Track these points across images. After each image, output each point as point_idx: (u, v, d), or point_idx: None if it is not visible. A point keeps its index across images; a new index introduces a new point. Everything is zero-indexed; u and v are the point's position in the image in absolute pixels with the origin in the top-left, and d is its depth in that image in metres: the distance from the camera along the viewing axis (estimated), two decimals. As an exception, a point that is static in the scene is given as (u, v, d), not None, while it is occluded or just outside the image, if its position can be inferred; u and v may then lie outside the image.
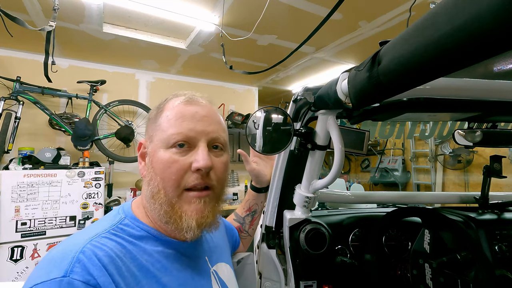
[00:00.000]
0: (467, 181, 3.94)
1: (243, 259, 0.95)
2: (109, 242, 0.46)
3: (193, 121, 0.53)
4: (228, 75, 3.90)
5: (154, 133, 0.54)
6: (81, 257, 0.41)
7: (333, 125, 0.68)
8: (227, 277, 0.66)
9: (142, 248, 0.49)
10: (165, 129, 0.52)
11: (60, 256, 0.42)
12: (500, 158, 0.93)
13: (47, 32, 1.43)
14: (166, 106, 0.56)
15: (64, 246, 0.44)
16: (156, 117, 0.55)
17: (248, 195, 0.89)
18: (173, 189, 0.51)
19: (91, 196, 2.55)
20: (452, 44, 0.24)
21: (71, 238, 0.47)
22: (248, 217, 0.86)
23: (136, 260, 0.47)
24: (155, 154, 0.52)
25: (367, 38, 2.70)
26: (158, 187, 0.51)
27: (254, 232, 0.92)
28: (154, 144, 0.53)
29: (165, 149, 0.51)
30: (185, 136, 0.51)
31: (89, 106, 2.99)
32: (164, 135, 0.52)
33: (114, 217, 0.53)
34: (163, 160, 0.51)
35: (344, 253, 0.87)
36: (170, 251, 0.52)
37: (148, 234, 0.51)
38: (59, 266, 0.40)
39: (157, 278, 0.48)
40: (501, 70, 0.51)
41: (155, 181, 0.51)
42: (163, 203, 0.50)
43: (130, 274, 0.45)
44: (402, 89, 0.34)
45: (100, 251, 0.43)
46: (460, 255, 0.69)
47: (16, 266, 2.24)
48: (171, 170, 0.50)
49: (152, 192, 0.52)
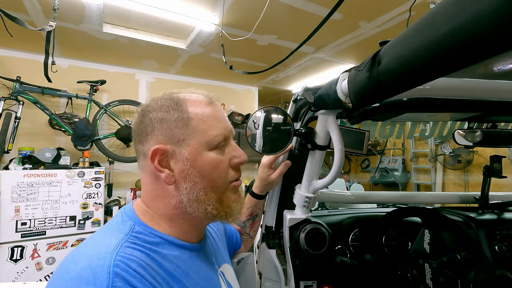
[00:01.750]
0: (467, 181, 3.94)
1: (243, 259, 0.95)
2: (134, 252, 0.44)
3: (224, 120, 0.55)
4: (228, 75, 3.90)
5: (187, 137, 0.51)
6: (117, 271, 0.39)
7: (333, 125, 0.68)
8: (231, 278, 0.66)
9: (162, 254, 0.48)
10: (204, 132, 0.51)
11: (92, 273, 0.39)
12: (500, 158, 0.93)
13: (47, 32, 1.43)
14: (189, 107, 0.52)
15: (87, 262, 0.41)
16: (183, 119, 0.51)
17: (249, 201, 0.85)
18: (222, 187, 0.54)
19: (91, 196, 2.55)
20: (452, 44, 0.24)
21: (88, 251, 0.44)
22: (249, 221, 0.86)
23: (161, 266, 0.46)
24: (199, 158, 0.51)
25: (367, 38, 2.70)
26: (204, 190, 0.51)
27: (256, 234, 0.91)
28: (192, 148, 0.51)
29: (208, 151, 0.52)
30: (224, 136, 0.54)
31: (89, 106, 2.99)
32: (205, 138, 0.51)
33: (123, 224, 0.50)
34: (211, 161, 0.52)
35: (344, 253, 0.87)
36: (185, 256, 0.52)
37: (162, 240, 0.50)
38: (95, 283, 0.38)
39: (183, 283, 0.47)
40: (501, 70, 0.52)
41: (200, 184, 0.51)
42: (214, 201, 0.52)
43: (162, 279, 0.44)
44: (402, 89, 0.34)
45: (132, 262, 0.42)
46: (460, 255, 0.69)
47: (16, 266, 2.24)
48: (220, 170, 0.53)
49: (198, 196, 0.51)
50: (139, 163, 0.55)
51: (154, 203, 0.53)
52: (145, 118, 0.52)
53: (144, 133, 0.52)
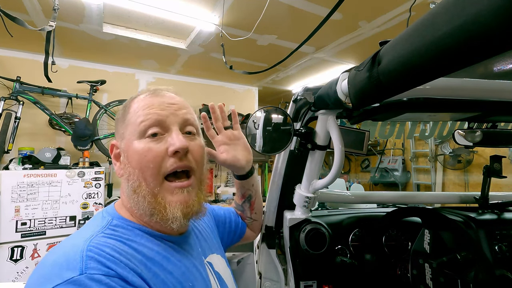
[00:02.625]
0: (467, 181, 3.94)
1: (243, 259, 0.95)
2: (108, 240, 0.45)
3: (160, 107, 0.53)
4: (228, 75, 3.90)
5: (125, 130, 0.54)
6: (90, 254, 0.40)
7: (333, 125, 0.68)
8: (222, 269, 0.65)
9: (139, 243, 0.48)
10: (134, 121, 0.52)
11: (65, 259, 0.40)
12: (500, 158, 0.93)
13: (47, 32, 1.43)
14: (132, 103, 0.55)
15: (62, 250, 0.42)
16: (124, 115, 0.55)
17: (236, 183, 0.82)
18: (153, 178, 0.50)
19: (91, 196, 2.55)
20: (452, 44, 0.24)
21: (64, 243, 0.45)
22: (246, 203, 0.84)
23: (139, 252, 0.47)
24: (130, 148, 0.52)
25: (367, 38, 2.70)
26: (138, 180, 0.50)
27: (260, 216, 0.88)
28: (126, 140, 0.53)
29: (139, 140, 0.51)
30: (155, 121, 0.51)
31: (89, 106, 2.99)
32: (135, 127, 0.51)
33: (101, 220, 0.51)
34: (138, 150, 0.50)
35: (344, 253, 0.87)
36: (165, 245, 0.52)
37: (140, 231, 0.51)
38: (69, 267, 0.38)
39: (163, 266, 0.48)
40: (501, 70, 0.52)
41: (133, 175, 0.51)
42: (146, 194, 0.50)
43: (139, 262, 0.45)
44: (402, 89, 0.34)
45: (105, 247, 0.43)
46: (460, 255, 0.69)
47: (16, 266, 2.24)
48: (148, 159, 0.50)
49: (133, 187, 0.51)
50: None
51: (124, 197, 0.55)
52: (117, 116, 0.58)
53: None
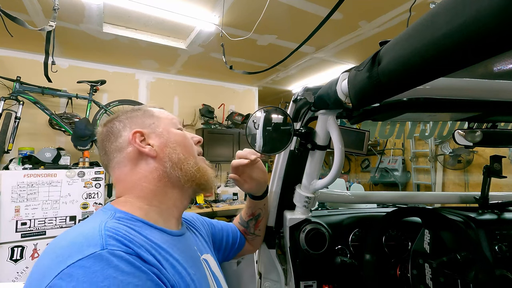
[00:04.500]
0: (467, 181, 3.94)
1: (243, 259, 0.95)
2: (120, 226, 0.46)
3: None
4: (228, 75, 3.90)
5: (156, 121, 0.62)
6: (109, 233, 0.41)
7: (333, 125, 0.68)
8: (215, 268, 0.66)
9: (146, 232, 0.49)
10: (166, 117, 0.64)
11: (84, 237, 0.40)
12: (500, 158, 0.93)
13: (47, 32, 1.43)
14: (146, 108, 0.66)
15: (78, 232, 0.42)
16: (148, 112, 0.64)
17: (248, 202, 0.84)
18: (194, 155, 0.63)
19: (91, 196, 2.55)
20: (452, 44, 0.24)
21: (75, 228, 0.45)
22: (252, 221, 0.85)
23: (148, 238, 0.48)
24: (171, 132, 0.62)
25: (367, 38, 2.70)
26: (183, 153, 0.60)
27: (263, 233, 0.89)
28: (163, 128, 0.61)
29: (175, 129, 0.63)
30: (180, 123, 0.67)
31: (89, 106, 2.99)
32: (169, 121, 0.63)
33: (104, 213, 0.51)
34: (181, 134, 0.63)
35: (344, 253, 0.87)
36: (168, 237, 0.53)
37: (143, 224, 0.51)
38: (89, 243, 0.39)
39: (170, 253, 0.49)
40: (501, 70, 0.51)
41: (178, 149, 0.60)
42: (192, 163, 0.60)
43: (150, 247, 0.46)
44: (402, 89, 0.34)
45: (120, 230, 0.44)
46: (460, 255, 0.69)
47: (16, 266, 2.24)
48: (188, 140, 0.64)
49: (179, 158, 0.59)
50: (115, 161, 0.59)
51: (135, 188, 0.56)
52: (112, 122, 0.61)
53: (116, 132, 0.60)
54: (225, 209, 3.64)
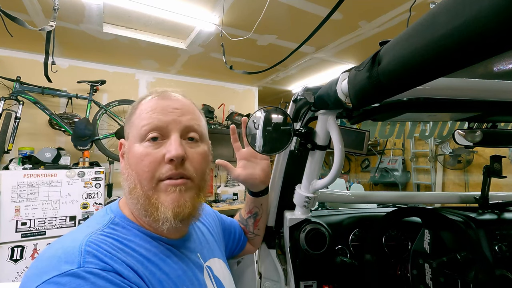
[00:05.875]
0: (467, 181, 3.94)
1: (243, 259, 0.95)
2: (107, 239, 0.46)
3: (163, 112, 0.53)
4: (228, 75, 3.90)
5: (129, 130, 0.55)
6: (88, 249, 0.41)
7: (333, 125, 0.68)
8: (221, 273, 0.65)
9: (137, 243, 0.49)
10: (137, 124, 0.53)
11: (63, 252, 0.41)
12: (500, 158, 0.93)
13: (47, 32, 1.43)
14: (140, 104, 0.56)
15: (60, 245, 0.43)
16: (131, 116, 0.56)
17: (247, 197, 0.85)
18: (147, 182, 0.50)
19: (91, 196, 2.55)
20: (452, 44, 0.24)
21: (63, 238, 0.46)
22: (251, 219, 0.85)
23: (136, 251, 0.48)
24: (130, 150, 0.53)
25: (367, 38, 2.70)
26: (134, 182, 0.51)
27: (262, 232, 0.89)
28: (129, 141, 0.54)
29: (139, 144, 0.52)
30: (155, 126, 0.51)
31: (89, 106, 2.99)
32: (136, 130, 0.53)
33: (103, 217, 0.52)
34: (136, 154, 0.51)
35: (344, 253, 0.87)
36: (163, 247, 0.53)
37: (139, 232, 0.51)
38: (67, 260, 0.39)
39: (159, 266, 0.49)
40: (501, 70, 0.51)
41: (130, 176, 0.52)
42: (139, 196, 0.50)
43: (136, 261, 0.46)
44: (402, 89, 0.34)
45: (103, 244, 0.44)
46: (460, 255, 0.69)
47: (16, 266, 2.24)
48: (144, 163, 0.50)
49: (129, 188, 0.52)
50: None
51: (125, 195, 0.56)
52: None
53: None
54: (225, 209, 3.64)
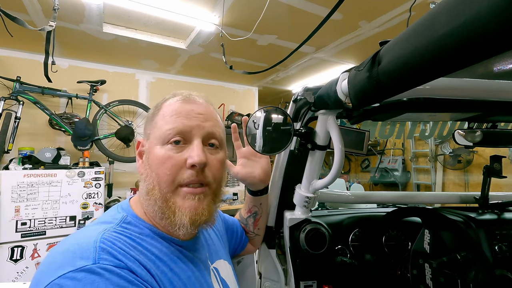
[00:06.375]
0: (467, 181, 3.94)
1: (243, 259, 0.95)
2: (120, 236, 0.46)
3: (188, 117, 0.53)
4: (228, 75, 3.90)
5: (151, 131, 0.55)
6: (103, 246, 0.42)
7: (333, 125, 0.68)
8: (226, 274, 0.66)
9: (149, 242, 0.50)
10: (160, 126, 0.53)
11: (79, 248, 0.41)
12: (500, 158, 0.93)
13: (47, 32, 1.43)
14: (163, 105, 0.56)
15: (75, 240, 0.44)
16: (153, 116, 0.56)
17: (247, 197, 0.85)
18: (167, 185, 0.51)
19: (91, 196, 2.55)
20: (452, 44, 0.24)
21: (77, 234, 0.46)
22: (250, 218, 0.85)
23: (148, 250, 0.48)
24: (151, 151, 0.53)
25: (367, 38, 2.70)
26: (153, 184, 0.51)
27: (262, 232, 0.89)
28: (150, 142, 0.54)
29: (161, 146, 0.52)
30: (179, 131, 0.52)
31: (89, 106, 2.99)
32: (160, 132, 0.53)
33: (115, 215, 0.52)
34: (158, 156, 0.51)
35: (344, 253, 0.87)
36: (173, 248, 0.53)
37: (151, 232, 0.52)
38: (82, 255, 0.40)
39: (170, 267, 0.49)
40: (501, 70, 0.51)
41: (150, 177, 0.52)
42: (157, 199, 0.50)
43: (149, 259, 0.46)
44: (402, 89, 0.34)
45: (117, 241, 0.44)
46: (460, 255, 0.69)
47: (16, 266, 2.24)
48: (166, 166, 0.50)
49: (147, 189, 0.52)
50: None
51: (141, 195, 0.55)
52: None
53: None
54: (225, 209, 3.64)
